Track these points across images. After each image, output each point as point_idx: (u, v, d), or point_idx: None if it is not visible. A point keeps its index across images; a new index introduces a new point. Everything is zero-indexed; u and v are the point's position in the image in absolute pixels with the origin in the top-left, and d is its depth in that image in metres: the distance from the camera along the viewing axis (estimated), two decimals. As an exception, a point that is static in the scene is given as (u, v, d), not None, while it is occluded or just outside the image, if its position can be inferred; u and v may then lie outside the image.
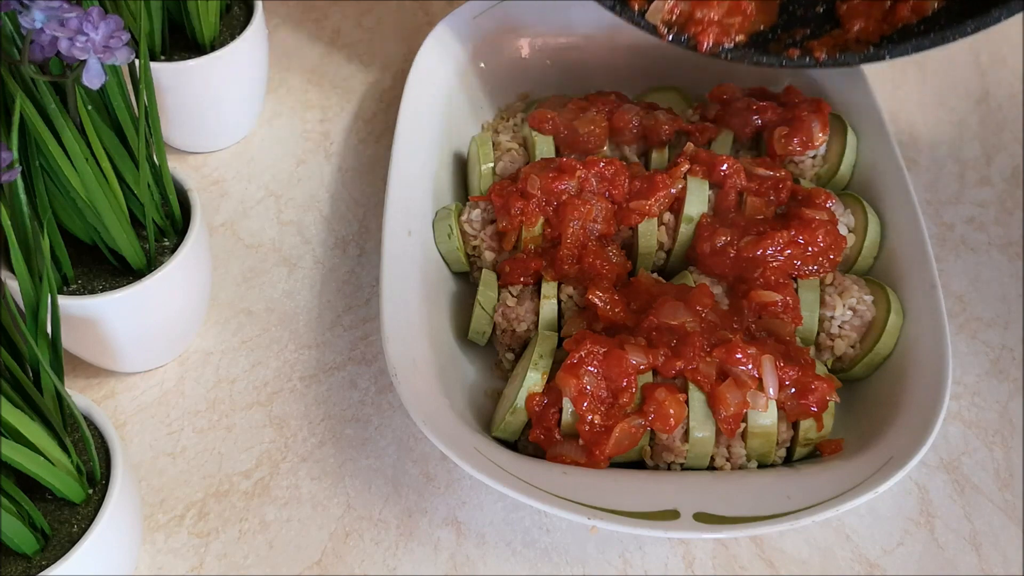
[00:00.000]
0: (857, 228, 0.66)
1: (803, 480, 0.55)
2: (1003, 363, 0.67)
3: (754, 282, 0.61)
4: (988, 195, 0.78)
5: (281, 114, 0.81)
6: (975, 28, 0.63)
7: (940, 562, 0.58)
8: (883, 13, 0.68)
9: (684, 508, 0.53)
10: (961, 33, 0.64)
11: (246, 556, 0.57)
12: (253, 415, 0.63)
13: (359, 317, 0.68)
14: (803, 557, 0.58)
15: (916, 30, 0.67)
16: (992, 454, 0.62)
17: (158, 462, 0.61)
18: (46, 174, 0.52)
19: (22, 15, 0.43)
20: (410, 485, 0.60)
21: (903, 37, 0.67)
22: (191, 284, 0.62)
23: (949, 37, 0.64)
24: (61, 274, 0.56)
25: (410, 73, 0.73)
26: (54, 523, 0.48)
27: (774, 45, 0.70)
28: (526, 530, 0.59)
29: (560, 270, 0.63)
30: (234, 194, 0.76)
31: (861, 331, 0.62)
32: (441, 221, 0.67)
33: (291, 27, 0.88)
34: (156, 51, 0.69)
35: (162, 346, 0.64)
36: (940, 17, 0.67)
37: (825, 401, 0.57)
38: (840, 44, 0.68)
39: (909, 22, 0.68)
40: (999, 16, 0.61)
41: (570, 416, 0.56)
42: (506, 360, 0.64)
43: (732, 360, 0.56)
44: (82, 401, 0.52)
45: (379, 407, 0.64)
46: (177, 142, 0.77)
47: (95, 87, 0.45)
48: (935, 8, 0.67)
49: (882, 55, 0.67)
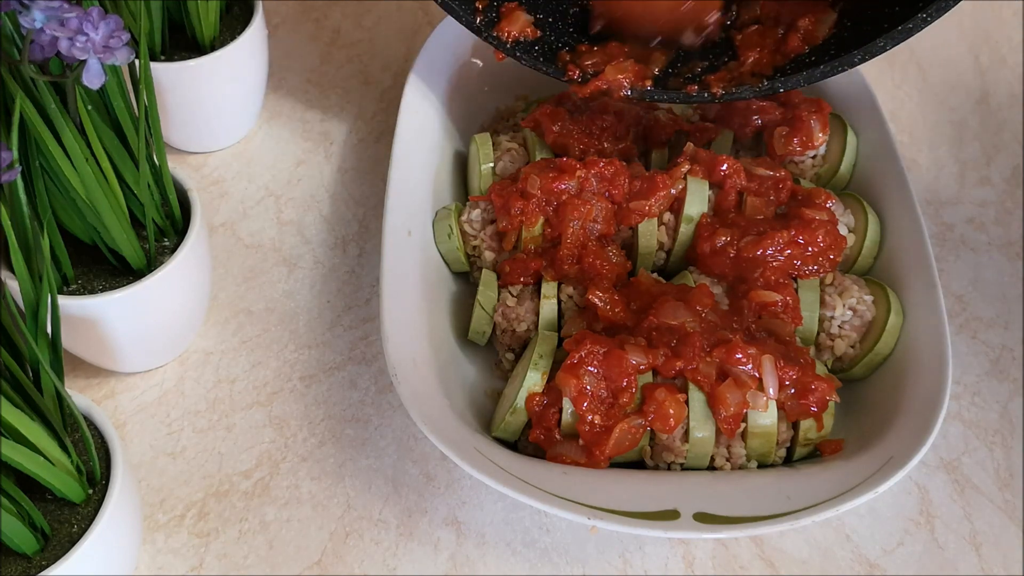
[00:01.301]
0: (857, 228, 0.66)
1: (803, 480, 0.55)
2: (1003, 363, 0.67)
3: (754, 282, 0.61)
4: (988, 195, 0.78)
5: (281, 114, 0.81)
6: (862, 58, 0.62)
7: (940, 562, 0.58)
8: (776, 43, 0.68)
9: (684, 508, 0.53)
10: (849, 63, 0.63)
11: (246, 556, 0.57)
12: (253, 415, 0.63)
13: (359, 317, 0.68)
14: (803, 557, 0.58)
15: (807, 60, 0.66)
16: (992, 454, 0.62)
17: (158, 462, 0.61)
18: (46, 174, 0.52)
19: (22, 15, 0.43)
20: (410, 485, 0.60)
21: (796, 68, 0.66)
22: (191, 284, 0.62)
23: (838, 68, 0.63)
24: (61, 274, 0.56)
25: (410, 73, 0.73)
26: (54, 523, 0.48)
27: (674, 80, 0.69)
28: (526, 530, 0.59)
29: (560, 270, 0.63)
30: (234, 194, 0.76)
31: (861, 331, 0.62)
32: (441, 221, 0.67)
33: (291, 27, 0.88)
34: (156, 51, 0.69)
35: (162, 346, 0.64)
36: (830, 46, 0.66)
37: (825, 401, 0.57)
38: (735, 77, 0.68)
39: (800, 52, 0.67)
40: (884, 45, 0.61)
41: (570, 416, 0.56)
42: (506, 360, 0.64)
43: (732, 360, 0.56)
44: (82, 401, 0.52)
45: (379, 407, 0.64)
46: (177, 142, 0.77)
47: (95, 87, 0.45)
48: (825, 36, 0.67)
49: (776, 87, 0.66)
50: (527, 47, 0.69)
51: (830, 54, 0.65)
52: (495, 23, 0.69)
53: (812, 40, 0.67)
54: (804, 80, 0.65)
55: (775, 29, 0.68)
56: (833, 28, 0.67)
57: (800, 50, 0.67)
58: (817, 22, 0.67)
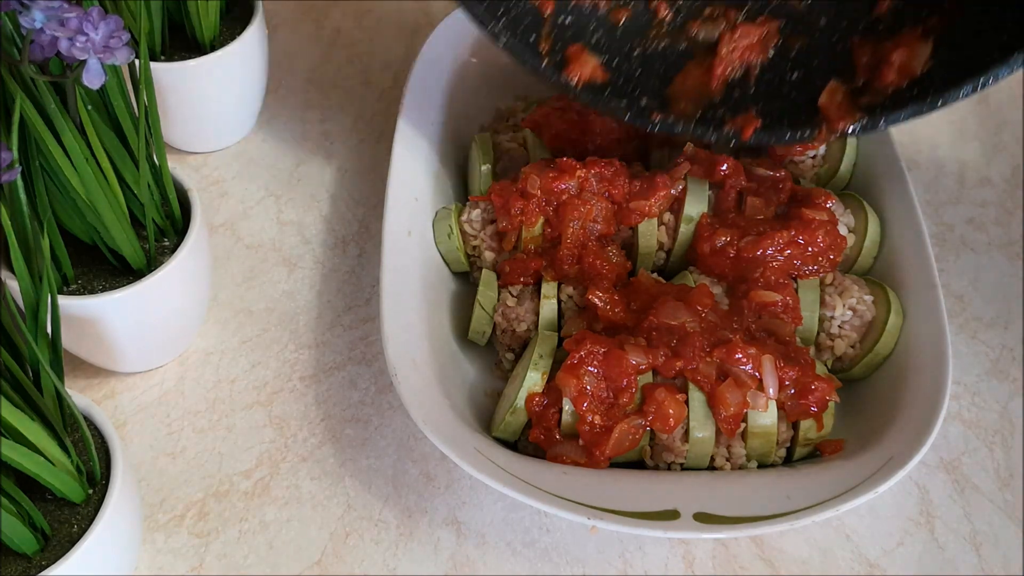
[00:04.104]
0: (857, 228, 0.66)
1: (803, 480, 0.55)
2: (1003, 363, 0.67)
3: (754, 282, 0.61)
4: (988, 195, 0.78)
5: (281, 114, 0.81)
6: (972, 90, 0.57)
7: (940, 562, 0.58)
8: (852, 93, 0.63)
9: (684, 508, 0.53)
10: (955, 96, 0.58)
11: (246, 556, 0.57)
12: (253, 415, 0.63)
13: (359, 317, 0.68)
14: (803, 557, 0.58)
15: (909, 94, 0.61)
16: (992, 454, 0.62)
17: (158, 462, 0.61)
18: (46, 174, 0.52)
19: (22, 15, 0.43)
20: (410, 485, 0.60)
21: (896, 103, 0.61)
22: (191, 284, 0.62)
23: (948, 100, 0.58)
24: (61, 274, 0.56)
25: (410, 73, 0.73)
26: (54, 523, 0.48)
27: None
28: (526, 530, 0.59)
29: (560, 270, 0.63)
30: (234, 194, 0.76)
31: (861, 331, 0.62)
32: (441, 221, 0.67)
33: (291, 27, 0.88)
34: (156, 51, 0.69)
35: (162, 346, 0.64)
36: (933, 78, 0.60)
37: (825, 401, 0.57)
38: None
39: (898, 86, 0.62)
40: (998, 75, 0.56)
41: (570, 416, 0.56)
42: (506, 360, 0.64)
43: (732, 360, 0.56)
44: (82, 401, 0.52)
45: (379, 407, 0.64)
46: (177, 142, 0.77)
47: (95, 87, 0.45)
48: (924, 69, 0.61)
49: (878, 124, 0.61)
50: (597, 90, 0.65)
51: (935, 87, 0.59)
52: (563, 66, 0.65)
53: (910, 73, 0.62)
54: (908, 115, 0.60)
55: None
56: (931, 60, 0.61)
57: (898, 84, 0.62)
58: (912, 54, 0.62)
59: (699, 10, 0.69)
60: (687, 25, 0.68)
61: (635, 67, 0.68)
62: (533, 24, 0.65)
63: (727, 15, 0.68)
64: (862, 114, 0.61)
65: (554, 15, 0.66)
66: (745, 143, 0.63)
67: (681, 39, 0.68)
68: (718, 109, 0.65)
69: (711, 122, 0.64)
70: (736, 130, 0.63)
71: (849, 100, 0.63)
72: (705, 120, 0.65)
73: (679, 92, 0.67)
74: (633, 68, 0.67)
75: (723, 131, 0.64)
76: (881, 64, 0.63)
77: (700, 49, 0.68)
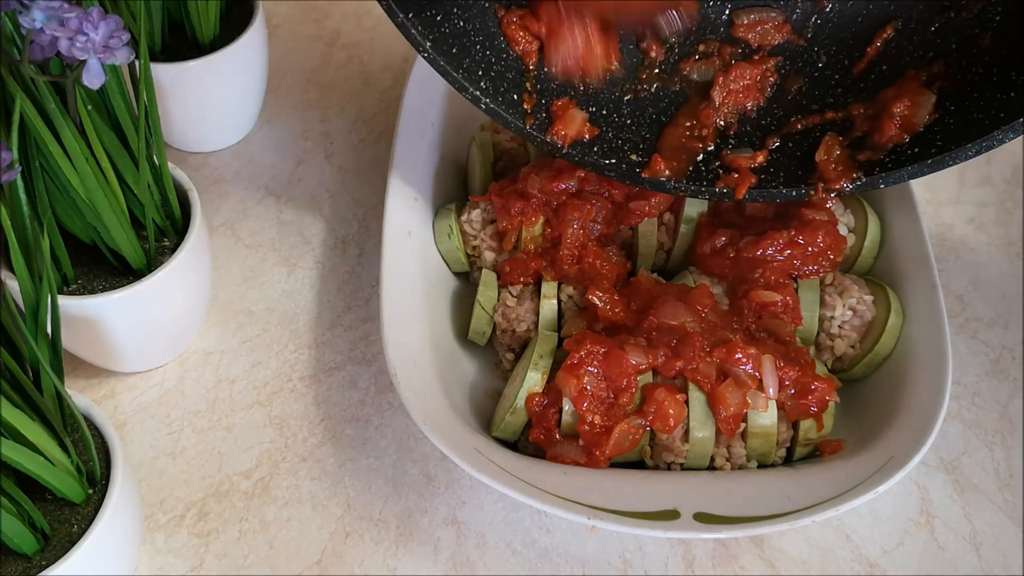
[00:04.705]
0: (857, 228, 0.66)
1: (803, 480, 0.55)
2: (1003, 363, 0.67)
3: (754, 282, 0.61)
4: (988, 195, 0.78)
5: (281, 114, 0.81)
6: (977, 151, 0.55)
7: (940, 562, 0.58)
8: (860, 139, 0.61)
9: (684, 508, 0.53)
10: (962, 156, 0.56)
11: (246, 556, 0.57)
12: (253, 415, 0.63)
13: (359, 317, 0.68)
14: (803, 557, 0.58)
15: (908, 152, 0.59)
16: (992, 454, 0.62)
17: (158, 462, 0.61)
18: (46, 174, 0.52)
19: (22, 15, 0.43)
20: (410, 485, 0.60)
21: (897, 161, 0.59)
22: (191, 284, 0.62)
23: (947, 161, 0.56)
24: (61, 274, 0.56)
25: (410, 73, 0.73)
26: (54, 523, 0.48)
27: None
28: (526, 530, 0.59)
29: (560, 270, 0.63)
30: (234, 194, 0.76)
31: (861, 331, 0.62)
32: (441, 221, 0.67)
33: (291, 27, 0.88)
34: (156, 51, 0.69)
35: (162, 346, 0.64)
36: (934, 136, 0.58)
37: (825, 401, 0.57)
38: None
39: (900, 141, 0.59)
40: (1002, 138, 0.54)
41: (570, 416, 0.56)
42: (506, 360, 0.64)
43: (732, 360, 0.56)
44: (82, 401, 0.52)
45: (379, 407, 0.64)
46: (177, 142, 0.77)
47: (95, 87, 0.45)
48: (927, 123, 0.59)
49: (877, 184, 0.59)
50: (586, 147, 0.62)
51: (936, 145, 0.57)
52: (548, 124, 0.62)
53: (911, 128, 0.59)
54: (908, 176, 0.58)
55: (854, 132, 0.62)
56: (934, 113, 0.59)
57: (899, 139, 0.59)
58: (915, 106, 0.59)
59: (693, 48, 0.66)
60: (680, 65, 0.66)
61: (625, 117, 0.65)
62: (516, 80, 0.62)
63: (721, 52, 0.65)
64: (859, 173, 0.59)
65: (538, 66, 0.63)
66: (739, 201, 0.62)
67: (674, 80, 0.66)
68: (712, 162, 0.63)
69: (705, 175, 0.62)
70: (730, 188, 0.61)
71: (847, 156, 0.60)
72: (698, 173, 0.62)
73: (671, 143, 0.64)
74: (623, 118, 0.65)
75: (716, 188, 0.62)
76: (881, 115, 0.60)
77: (694, 91, 0.65)
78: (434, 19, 0.59)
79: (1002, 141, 0.54)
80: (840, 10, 0.64)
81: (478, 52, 0.61)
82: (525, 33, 0.62)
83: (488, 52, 0.61)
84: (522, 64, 0.63)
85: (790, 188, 0.61)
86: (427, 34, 0.58)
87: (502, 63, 0.62)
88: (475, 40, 0.61)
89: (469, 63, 0.60)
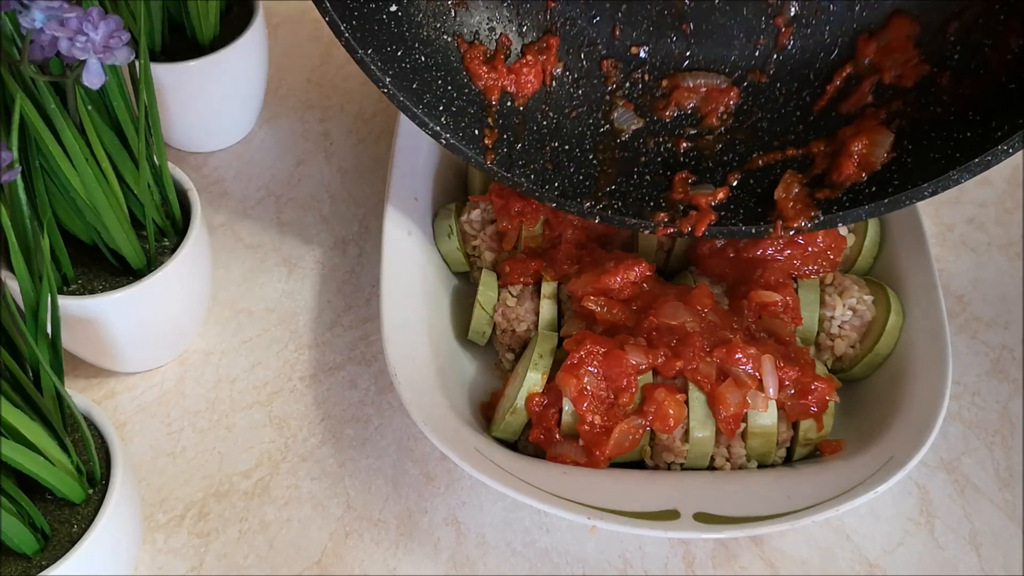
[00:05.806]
0: (857, 228, 0.66)
1: (803, 480, 0.55)
2: (1003, 363, 0.67)
3: (754, 282, 0.61)
4: (988, 195, 0.78)
5: (281, 114, 0.81)
6: (934, 191, 0.55)
7: (940, 562, 0.58)
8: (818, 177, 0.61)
9: (684, 508, 0.53)
10: (918, 196, 0.56)
11: (246, 556, 0.57)
12: (253, 415, 0.63)
13: (359, 317, 0.68)
14: (803, 557, 0.58)
15: (865, 190, 0.59)
16: (992, 454, 0.62)
17: (158, 462, 0.61)
18: (46, 174, 0.52)
19: (22, 15, 0.43)
20: (410, 485, 0.60)
21: (854, 200, 0.59)
22: (191, 284, 0.62)
23: (904, 201, 0.57)
24: (61, 274, 0.56)
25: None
26: (54, 523, 0.48)
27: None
28: (526, 530, 0.59)
29: (560, 270, 0.63)
30: (234, 194, 0.76)
31: (861, 331, 0.62)
32: (441, 221, 0.67)
33: (291, 27, 0.88)
34: (156, 51, 0.69)
35: (162, 346, 0.64)
36: (891, 175, 0.58)
37: (825, 401, 0.57)
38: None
39: (857, 180, 0.59)
40: (958, 178, 0.54)
41: (570, 416, 0.56)
42: (506, 360, 0.64)
43: (732, 360, 0.56)
44: (82, 401, 0.52)
45: (379, 407, 0.64)
46: (177, 142, 0.77)
47: (95, 87, 0.45)
48: (884, 162, 0.59)
49: (835, 222, 0.59)
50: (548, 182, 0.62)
51: (893, 184, 0.57)
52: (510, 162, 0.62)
53: (869, 167, 0.59)
54: (866, 215, 0.58)
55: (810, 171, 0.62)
56: (892, 152, 0.59)
57: (857, 178, 0.59)
58: (872, 144, 0.59)
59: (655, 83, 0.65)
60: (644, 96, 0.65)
61: (588, 152, 0.64)
62: (477, 116, 0.62)
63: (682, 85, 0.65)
64: (818, 212, 0.59)
65: (501, 101, 0.63)
66: (700, 238, 0.61)
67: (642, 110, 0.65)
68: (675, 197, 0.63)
69: (669, 209, 0.62)
70: (691, 225, 0.61)
71: (806, 194, 0.60)
72: (660, 208, 0.62)
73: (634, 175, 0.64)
74: (586, 152, 0.64)
75: (677, 226, 0.61)
76: (840, 153, 0.60)
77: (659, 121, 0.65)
78: (395, 55, 0.58)
79: (958, 181, 0.55)
80: (801, 46, 0.64)
81: (439, 87, 0.60)
82: (488, 68, 0.62)
83: (450, 87, 0.61)
84: (484, 99, 0.62)
85: (749, 226, 0.61)
86: (387, 69, 0.58)
87: (463, 98, 0.62)
88: (436, 75, 0.61)
89: (430, 99, 0.60)
